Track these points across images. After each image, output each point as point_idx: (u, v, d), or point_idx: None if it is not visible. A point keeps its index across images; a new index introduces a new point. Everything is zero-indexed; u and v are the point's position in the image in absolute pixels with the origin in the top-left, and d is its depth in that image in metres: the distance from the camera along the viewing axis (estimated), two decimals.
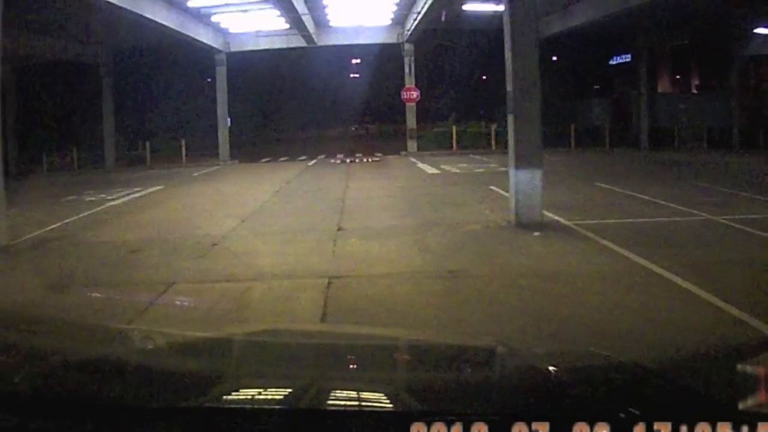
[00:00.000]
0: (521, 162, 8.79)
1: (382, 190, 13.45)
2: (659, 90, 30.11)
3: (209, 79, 26.72)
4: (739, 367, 1.51)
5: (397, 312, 5.01)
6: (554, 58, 28.28)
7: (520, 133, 8.80)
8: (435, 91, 29.52)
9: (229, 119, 25.60)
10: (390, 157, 24.61)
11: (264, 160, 26.56)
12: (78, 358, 1.63)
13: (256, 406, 1.25)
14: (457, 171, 17.83)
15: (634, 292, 5.33)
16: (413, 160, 22.59)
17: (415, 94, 24.51)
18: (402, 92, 24.66)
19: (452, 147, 25.00)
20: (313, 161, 24.25)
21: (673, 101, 28.57)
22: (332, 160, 24.04)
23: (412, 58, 24.45)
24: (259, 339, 2.03)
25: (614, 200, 11.01)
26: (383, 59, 30.48)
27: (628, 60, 28.82)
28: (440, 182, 15.04)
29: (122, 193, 15.07)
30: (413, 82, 24.56)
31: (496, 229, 8.63)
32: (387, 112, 38.53)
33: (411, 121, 24.67)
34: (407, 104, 24.73)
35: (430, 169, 18.53)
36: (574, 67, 30.79)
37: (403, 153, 25.07)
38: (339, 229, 8.80)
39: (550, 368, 1.50)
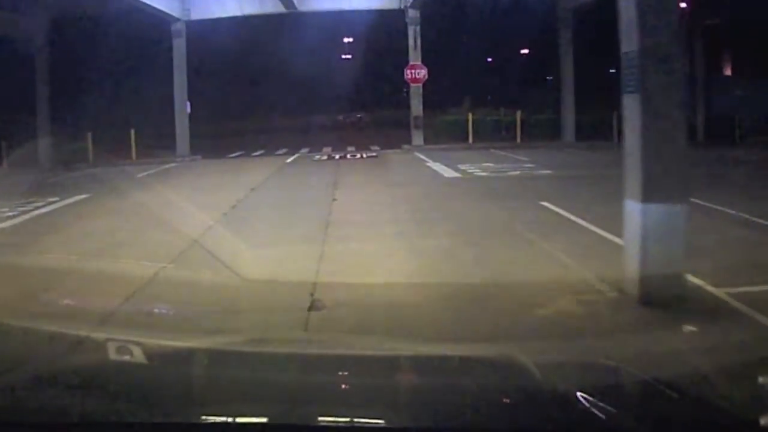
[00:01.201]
0: (654, 187, 4.95)
1: (383, 208, 9.62)
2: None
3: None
4: (760, 380, 1.51)
5: None
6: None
7: (651, 130, 4.93)
8: (445, 70, 25.49)
9: (189, 104, 21.70)
10: (390, 152, 20.78)
11: (233, 154, 22.73)
12: (47, 370, 1.60)
13: (239, 422, 1.24)
14: (485, 174, 13.99)
15: None
16: (420, 156, 18.74)
17: (422, 72, 20.63)
18: (406, 71, 20.77)
19: (468, 139, 21.15)
20: (294, 156, 20.39)
21: (730, 87, 24.74)
22: (317, 156, 20.17)
23: (418, 28, 20.56)
24: (243, 349, 2.01)
25: (755, 236, 7.22)
26: (381, 31, 26.53)
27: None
28: (466, 193, 11.20)
29: (23, 209, 11.18)
30: (419, 58, 20.68)
31: (603, 310, 4.84)
32: (385, 97, 34.62)
33: (417, 106, 20.80)
34: (412, 86, 20.85)
35: (447, 171, 14.69)
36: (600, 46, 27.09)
37: (406, 147, 21.23)
38: (312, 308, 4.96)
39: (560, 382, 1.50)
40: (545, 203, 9.45)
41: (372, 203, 10.14)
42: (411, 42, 20.59)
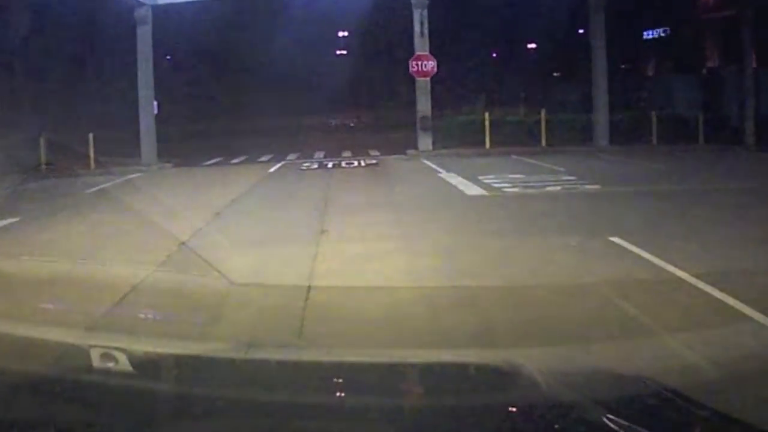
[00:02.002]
0: None
1: (392, 248, 6.90)
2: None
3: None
4: None
5: None
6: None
7: None
8: (455, 62, 22.70)
9: (156, 104, 18.99)
10: (392, 158, 18.09)
11: (210, 161, 20.01)
12: (30, 378, 1.59)
13: None
14: (517, 190, 11.32)
15: None
16: (430, 164, 16.06)
17: (429, 64, 17.95)
18: (410, 63, 18.08)
19: (484, 143, 18.46)
20: (279, 164, 17.67)
21: None
22: (307, 164, 17.46)
23: (425, 12, 17.88)
24: (233, 357, 2.11)
25: None
26: (380, 17, 23.82)
27: (663, 34, 24.76)
28: (503, 222, 8.48)
29: None
30: (427, 47, 17.99)
31: None
32: (386, 95, 31.88)
33: (424, 105, 18.10)
34: (418, 80, 18.16)
35: (467, 185, 12.02)
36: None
37: (411, 152, 18.55)
38: None
39: (566, 392, 1.48)
40: (618, 240, 6.82)
41: (375, 239, 7.44)
42: (417, 28, 17.91)
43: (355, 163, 16.99)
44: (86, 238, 8.50)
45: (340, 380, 1.70)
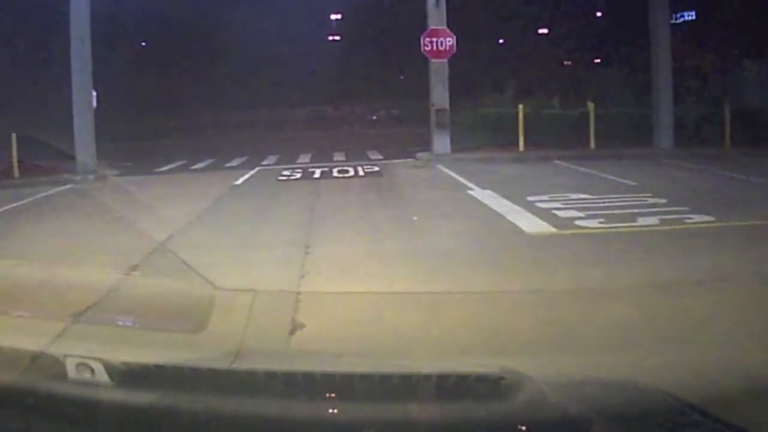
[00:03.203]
0: None
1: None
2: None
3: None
4: None
5: None
6: None
7: None
8: (476, 43, 18.74)
9: (95, 95, 15.30)
10: (399, 164, 14.45)
11: (166, 167, 16.33)
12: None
13: None
14: (598, 225, 7.58)
15: None
16: (452, 174, 12.39)
17: (448, 42, 14.27)
18: (423, 40, 14.37)
19: (517, 144, 14.80)
20: (250, 173, 13.98)
21: None
22: (286, 172, 13.75)
23: None
24: (221, 367, 2.01)
25: None
26: None
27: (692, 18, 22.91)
28: (608, 300, 4.78)
29: None
30: (444, 20, 14.31)
31: None
32: (389, 82, 28.06)
33: (440, 94, 14.42)
34: (432, 63, 14.46)
35: (518, 215, 8.31)
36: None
37: (423, 155, 14.91)
38: None
39: (573, 403, 1.46)
40: None
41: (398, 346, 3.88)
42: None
43: (350, 171, 13.32)
44: None
45: (333, 393, 1.65)
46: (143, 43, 33.55)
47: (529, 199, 9.31)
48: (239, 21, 27.29)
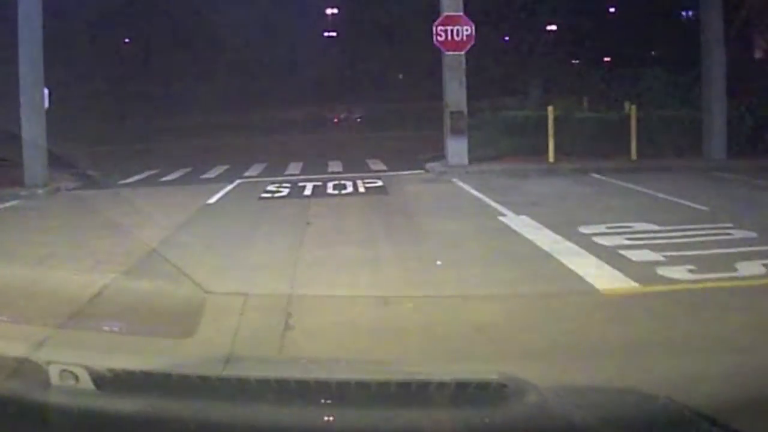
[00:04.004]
0: None
1: None
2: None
3: None
4: None
5: None
6: None
7: None
8: (493, 33, 16.56)
9: (47, 92, 13.28)
10: (407, 177, 12.40)
11: (134, 177, 14.30)
12: None
13: None
14: (693, 279, 5.49)
15: None
16: (474, 192, 10.32)
17: (465, 31, 12.21)
18: (436, 28, 12.28)
19: (546, 153, 12.74)
20: (228, 188, 11.89)
21: None
22: (272, 186, 11.65)
23: None
24: (210, 374, 1.98)
25: None
26: None
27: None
28: None
29: None
30: (461, 5, 12.25)
31: None
32: (393, 81, 25.99)
33: (455, 93, 12.35)
34: (446, 56, 12.40)
35: (576, 256, 6.24)
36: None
37: (435, 166, 12.89)
38: None
39: (575, 411, 1.44)
40: None
41: None
42: None
43: (349, 187, 11.24)
44: None
45: (329, 400, 1.63)
46: (126, 40, 31.73)
47: (582, 230, 7.29)
48: (228, 16, 25.45)
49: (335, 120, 27.38)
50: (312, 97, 28.55)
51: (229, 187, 11.85)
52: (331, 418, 1.52)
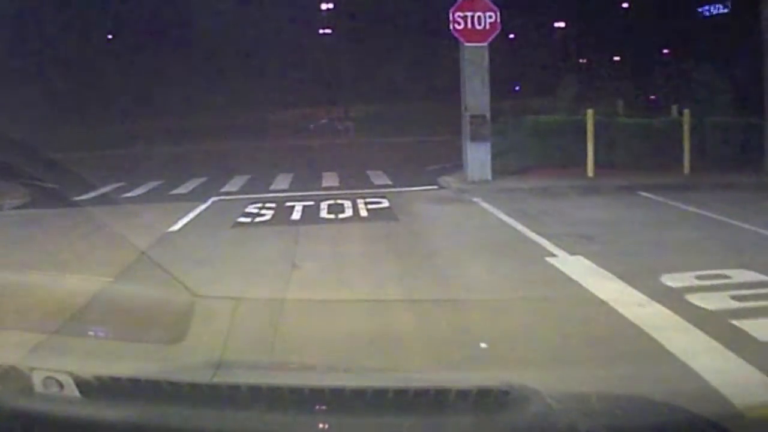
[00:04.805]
0: None
1: None
2: None
3: None
4: None
5: None
6: None
7: None
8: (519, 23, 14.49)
9: None
10: (417, 195, 10.53)
11: (97, 191, 12.41)
12: None
13: None
14: None
15: None
16: (502, 215, 8.37)
17: (489, 18, 10.31)
18: (453, 15, 10.35)
19: (585, 165, 10.83)
20: (201, 208, 9.96)
21: None
22: (253, 207, 9.69)
23: None
24: (200, 381, 1.93)
25: None
26: None
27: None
28: None
29: None
30: None
31: None
32: (398, 79, 24.15)
33: (478, 94, 10.44)
34: (466, 48, 10.49)
35: (679, 334, 4.30)
36: None
37: (451, 181, 11.00)
38: None
39: (582, 419, 1.43)
40: None
41: None
42: None
43: (348, 209, 9.28)
44: None
45: (323, 407, 1.60)
46: (109, 36, 30.09)
47: (668, 282, 5.42)
48: (217, 12, 23.78)
49: (311, 127, 24.26)
50: (306, 98, 26.76)
51: (201, 208, 9.93)
52: (325, 427, 1.49)
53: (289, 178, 12.87)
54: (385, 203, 9.56)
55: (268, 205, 9.80)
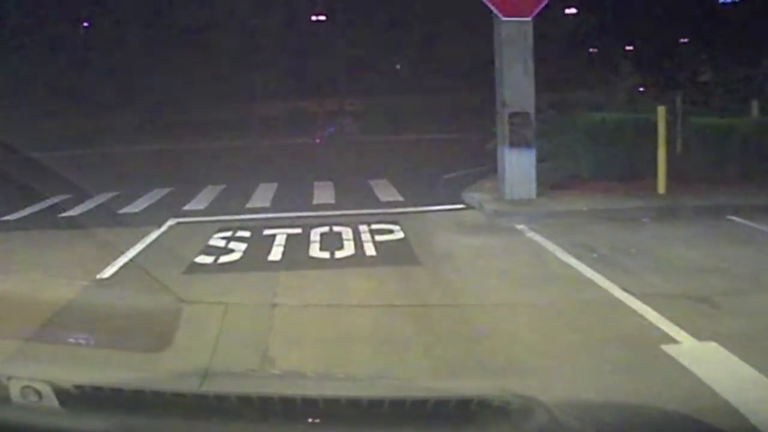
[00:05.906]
0: None
1: None
2: None
3: None
4: None
5: None
6: None
7: None
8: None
9: None
10: (435, 216, 8.28)
11: (27, 210, 10.28)
12: None
13: None
14: None
15: None
16: (563, 256, 6.06)
17: None
18: None
19: (654, 179, 8.53)
20: (152, 237, 7.66)
21: None
22: (220, 239, 7.38)
23: None
24: (188, 390, 1.87)
25: None
26: None
27: None
28: None
29: None
30: None
31: None
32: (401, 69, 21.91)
33: (518, 85, 8.03)
34: (504, 24, 8.14)
35: None
36: None
37: (478, 197, 8.71)
38: None
39: (588, 429, 1.41)
40: None
41: None
42: None
43: (348, 243, 6.91)
44: None
45: (317, 419, 1.55)
46: (85, 24, 28.19)
47: None
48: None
49: (317, 141, 20.93)
50: (298, 90, 24.59)
51: (152, 237, 7.63)
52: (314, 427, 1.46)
53: (273, 190, 10.59)
54: (398, 233, 7.25)
55: (240, 233, 7.50)
